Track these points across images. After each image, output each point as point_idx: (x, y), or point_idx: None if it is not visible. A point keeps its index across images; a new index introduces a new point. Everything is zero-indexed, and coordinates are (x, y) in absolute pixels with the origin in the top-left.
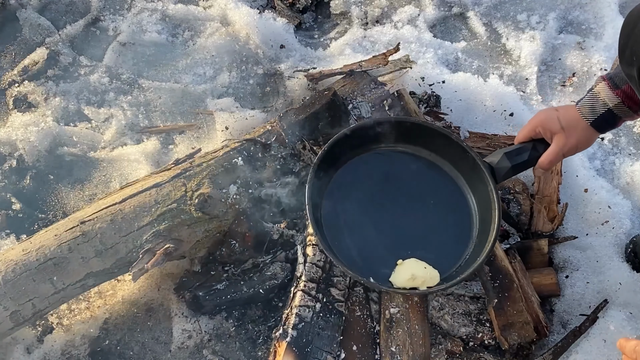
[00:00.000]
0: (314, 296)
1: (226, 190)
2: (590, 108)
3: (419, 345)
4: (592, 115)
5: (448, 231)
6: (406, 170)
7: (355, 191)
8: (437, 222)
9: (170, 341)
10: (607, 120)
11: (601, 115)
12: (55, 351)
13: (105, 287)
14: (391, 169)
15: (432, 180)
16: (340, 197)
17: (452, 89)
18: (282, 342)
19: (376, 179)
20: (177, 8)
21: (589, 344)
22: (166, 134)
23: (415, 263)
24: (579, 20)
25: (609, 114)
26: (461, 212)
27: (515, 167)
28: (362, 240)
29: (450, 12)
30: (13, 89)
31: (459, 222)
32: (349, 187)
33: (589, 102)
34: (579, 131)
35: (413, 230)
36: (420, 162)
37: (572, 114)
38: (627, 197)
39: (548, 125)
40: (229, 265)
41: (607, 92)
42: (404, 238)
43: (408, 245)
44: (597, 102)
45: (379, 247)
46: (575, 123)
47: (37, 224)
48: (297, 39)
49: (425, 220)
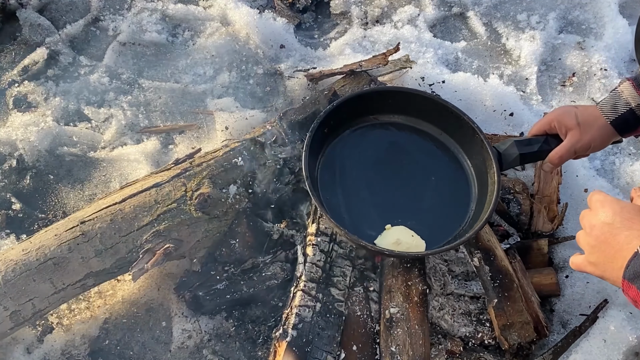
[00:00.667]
0: (314, 296)
1: (226, 190)
2: (612, 106)
3: (419, 345)
4: (613, 114)
5: (443, 208)
6: (412, 145)
7: (357, 156)
8: (434, 198)
9: (170, 341)
10: (628, 121)
11: (622, 114)
12: (55, 351)
13: (105, 287)
14: (397, 142)
15: (436, 157)
16: (338, 160)
17: (452, 89)
18: (282, 342)
19: (380, 149)
20: (177, 8)
21: (589, 344)
22: (166, 134)
23: (403, 230)
24: (579, 20)
25: (630, 113)
26: (459, 192)
27: (523, 156)
28: (355, 202)
29: (450, 12)
30: (13, 89)
31: (455, 201)
32: (350, 152)
33: (611, 100)
34: (595, 129)
35: (408, 201)
36: (428, 138)
37: (591, 112)
38: (627, 197)
39: (564, 120)
40: (229, 265)
41: (631, 91)
42: (398, 207)
43: (400, 214)
44: (619, 100)
45: (371, 210)
46: (593, 121)
47: (37, 224)
48: (297, 38)
49: (423, 194)
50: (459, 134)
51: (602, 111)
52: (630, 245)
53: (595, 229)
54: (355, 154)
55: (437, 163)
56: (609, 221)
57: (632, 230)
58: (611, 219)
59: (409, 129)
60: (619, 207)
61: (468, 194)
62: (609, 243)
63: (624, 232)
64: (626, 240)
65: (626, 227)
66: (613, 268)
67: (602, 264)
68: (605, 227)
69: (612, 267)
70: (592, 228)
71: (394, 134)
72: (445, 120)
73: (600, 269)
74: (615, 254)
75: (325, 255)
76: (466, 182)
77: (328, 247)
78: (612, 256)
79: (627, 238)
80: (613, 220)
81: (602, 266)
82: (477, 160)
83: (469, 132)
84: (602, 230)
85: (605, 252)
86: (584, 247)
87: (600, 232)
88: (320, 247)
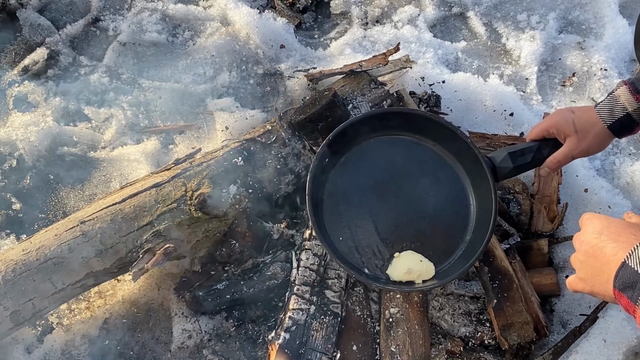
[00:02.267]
0: (307, 299)
1: (226, 190)
2: (608, 111)
3: (419, 345)
4: (610, 119)
5: (445, 224)
6: (408, 160)
7: (357, 178)
8: (435, 214)
9: (170, 341)
10: (625, 125)
11: (619, 119)
12: (55, 351)
13: (105, 287)
14: (394, 157)
15: (433, 171)
16: (341, 185)
17: (452, 89)
18: (275, 345)
19: (379, 167)
20: (177, 8)
21: (589, 344)
22: (166, 134)
23: (411, 256)
24: (579, 20)
25: (627, 118)
26: (459, 207)
27: (517, 168)
28: (359, 229)
29: (450, 12)
30: (13, 89)
31: (456, 216)
32: (351, 174)
33: (608, 105)
34: (593, 136)
35: (410, 221)
36: (424, 151)
37: (588, 117)
38: (627, 197)
39: (562, 127)
40: (229, 265)
41: (628, 96)
42: (401, 229)
43: (404, 237)
44: (616, 105)
45: (375, 237)
46: (590, 127)
47: (37, 224)
48: (297, 38)
49: (424, 212)
50: (454, 148)
51: (600, 114)
52: (617, 257)
53: (583, 245)
54: (355, 178)
55: (434, 176)
56: (597, 235)
57: (618, 243)
58: (599, 233)
59: (403, 142)
60: (607, 222)
61: (467, 207)
62: (596, 257)
63: (611, 245)
64: (612, 252)
65: (612, 240)
66: (600, 281)
67: (590, 279)
68: (593, 241)
69: (599, 281)
70: (581, 244)
71: (390, 151)
72: (439, 134)
73: (589, 284)
74: (602, 267)
75: (319, 259)
76: (464, 195)
77: (322, 250)
78: (599, 269)
79: (613, 250)
80: (601, 234)
81: (590, 281)
82: (474, 172)
83: (463, 146)
84: (590, 244)
85: (593, 266)
86: (575, 264)
87: (589, 247)
88: (313, 251)
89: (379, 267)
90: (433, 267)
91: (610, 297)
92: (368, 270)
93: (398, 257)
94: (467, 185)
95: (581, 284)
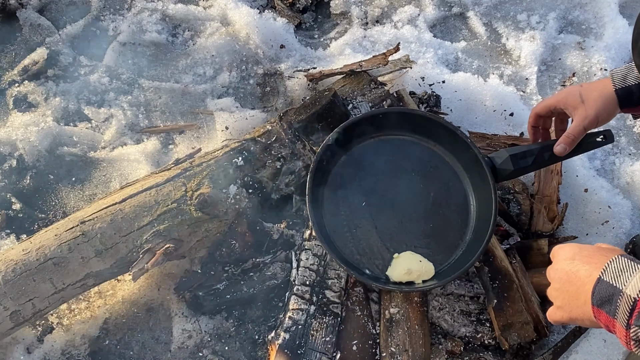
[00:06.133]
0: (307, 299)
1: (226, 190)
2: (622, 77)
3: (419, 345)
4: (620, 83)
5: (445, 224)
6: (408, 160)
7: (357, 178)
8: (435, 214)
9: (170, 341)
10: (632, 94)
11: (629, 86)
12: (55, 351)
13: (105, 287)
14: (394, 157)
15: (433, 172)
16: (341, 185)
17: (452, 89)
18: (274, 345)
19: (379, 167)
20: (177, 8)
21: (589, 344)
22: (166, 134)
23: (410, 256)
24: (579, 20)
25: (637, 87)
26: (459, 207)
27: (518, 171)
28: (359, 229)
29: (450, 12)
30: (13, 89)
31: (456, 216)
32: (351, 174)
33: (624, 71)
34: (600, 102)
35: (410, 222)
36: (424, 151)
37: (594, 87)
38: (627, 197)
39: (569, 100)
40: (229, 265)
41: None
42: (401, 229)
43: (404, 237)
44: (631, 73)
45: (375, 237)
46: (597, 95)
47: (37, 224)
48: (297, 38)
49: (423, 212)
50: (454, 148)
51: (612, 78)
52: (591, 277)
53: (557, 272)
54: (355, 179)
55: (434, 176)
56: (570, 261)
57: (591, 265)
58: (571, 259)
59: (404, 143)
60: (578, 249)
61: (467, 207)
62: (571, 281)
63: (584, 267)
64: (586, 273)
65: (585, 263)
66: (578, 304)
67: (567, 304)
68: (566, 267)
69: (577, 304)
70: (555, 272)
71: (390, 151)
72: (439, 135)
73: (567, 310)
74: (578, 290)
75: (319, 259)
76: (464, 195)
77: (322, 250)
78: (575, 293)
79: (587, 272)
80: (573, 259)
81: (568, 307)
82: (474, 172)
83: (463, 146)
84: (564, 271)
85: (569, 291)
86: (551, 295)
87: (563, 273)
88: (313, 251)
89: (378, 267)
90: (433, 267)
91: (589, 319)
92: (368, 270)
93: (397, 257)
94: (467, 185)
95: (559, 312)
